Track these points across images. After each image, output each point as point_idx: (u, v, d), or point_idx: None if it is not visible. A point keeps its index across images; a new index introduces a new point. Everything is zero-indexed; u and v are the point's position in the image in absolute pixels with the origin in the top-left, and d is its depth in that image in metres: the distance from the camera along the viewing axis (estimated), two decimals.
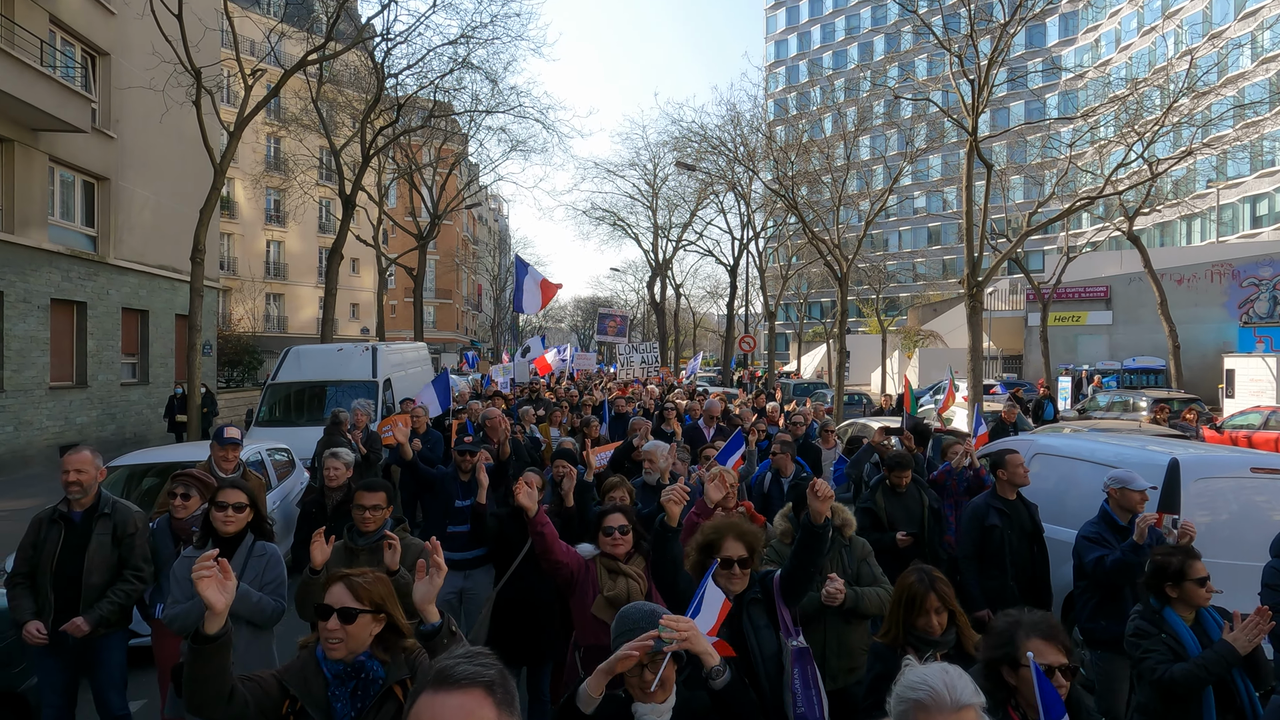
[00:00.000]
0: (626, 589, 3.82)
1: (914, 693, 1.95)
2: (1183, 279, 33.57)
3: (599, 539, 3.99)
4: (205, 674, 2.35)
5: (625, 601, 3.72)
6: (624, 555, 3.96)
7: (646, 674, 2.38)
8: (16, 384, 15.96)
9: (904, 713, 1.96)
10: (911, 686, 1.97)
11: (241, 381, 31.66)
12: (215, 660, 2.35)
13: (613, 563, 3.92)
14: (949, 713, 1.90)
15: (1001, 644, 2.66)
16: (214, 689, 2.37)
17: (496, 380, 18.69)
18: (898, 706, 1.98)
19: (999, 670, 2.65)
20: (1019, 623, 2.68)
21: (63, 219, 17.84)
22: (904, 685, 2.00)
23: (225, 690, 2.38)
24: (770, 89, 72.35)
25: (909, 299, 59.72)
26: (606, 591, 3.83)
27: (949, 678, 1.95)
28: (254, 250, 42.80)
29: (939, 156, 46.36)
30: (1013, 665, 2.60)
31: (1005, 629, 2.70)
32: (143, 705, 5.47)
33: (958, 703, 1.90)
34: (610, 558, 3.93)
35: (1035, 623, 2.67)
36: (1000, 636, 2.69)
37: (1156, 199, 24.52)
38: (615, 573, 3.90)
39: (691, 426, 9.67)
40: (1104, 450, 6.79)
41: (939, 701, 1.90)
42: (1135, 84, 22.47)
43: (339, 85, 26.44)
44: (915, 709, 1.93)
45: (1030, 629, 2.64)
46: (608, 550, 3.95)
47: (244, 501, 4.04)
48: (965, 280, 16.24)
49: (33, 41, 15.64)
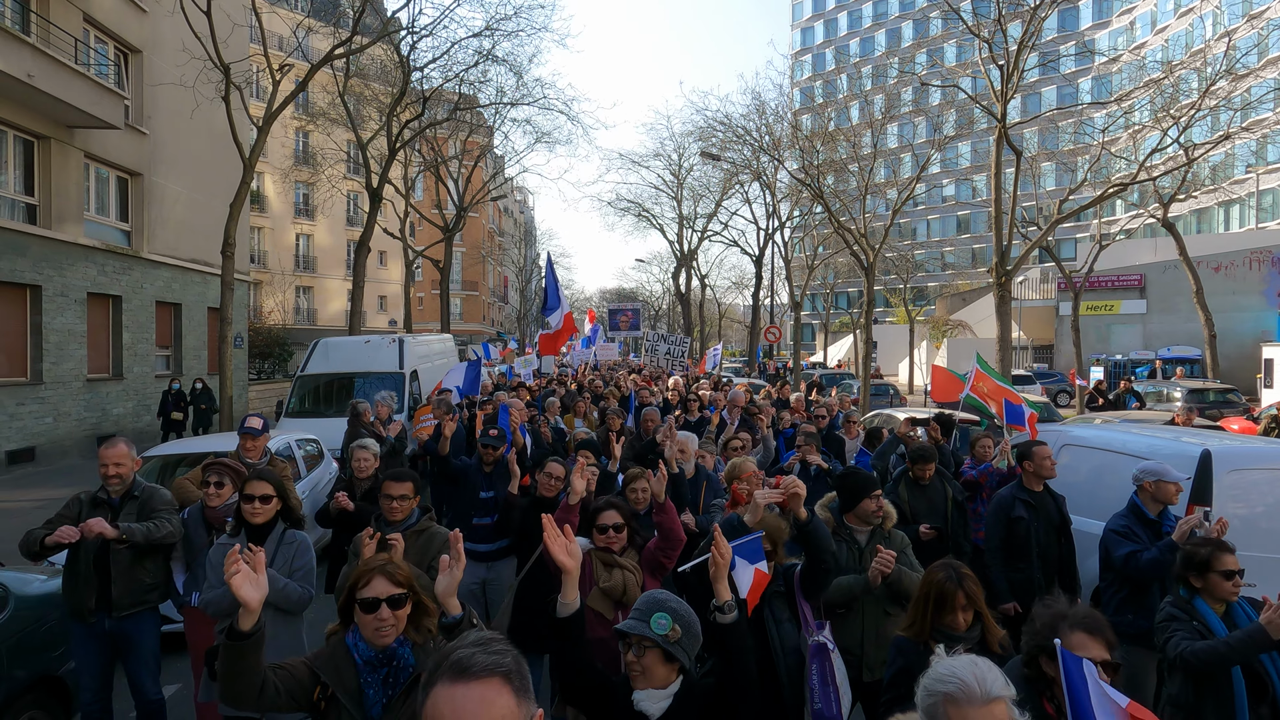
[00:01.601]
0: (622, 580, 3.88)
1: (943, 685, 1.93)
2: (1220, 266, 32.85)
3: (593, 535, 4.02)
4: (239, 669, 2.41)
5: (621, 593, 3.80)
6: (619, 549, 3.99)
7: (630, 655, 2.46)
8: (55, 376, 16.34)
9: (933, 705, 1.94)
10: (941, 679, 1.95)
11: (272, 373, 32.16)
12: (249, 656, 2.41)
13: (608, 555, 3.96)
14: (979, 705, 1.87)
15: (1044, 635, 2.64)
16: (247, 682, 2.43)
17: (520, 372, 18.80)
18: (926, 699, 1.96)
19: (1039, 660, 2.64)
20: (1063, 615, 2.66)
21: (98, 214, 18.19)
22: (933, 678, 1.97)
23: (258, 683, 2.44)
24: (796, 77, 71.67)
25: (937, 288, 59.03)
26: (602, 583, 3.89)
27: (979, 670, 1.93)
28: (283, 244, 43.35)
29: (968, 144, 45.54)
30: (1052, 656, 2.58)
31: (1049, 620, 2.68)
32: (177, 690, 5.60)
33: (988, 695, 1.88)
34: (606, 550, 3.97)
35: (1080, 616, 2.66)
36: (1044, 627, 2.67)
37: (1193, 185, 23.97)
38: (611, 565, 3.95)
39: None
40: (1135, 441, 6.68)
41: (969, 694, 1.88)
42: (1171, 67, 21.95)
43: (365, 79, 26.64)
44: (945, 702, 1.91)
45: (1074, 622, 2.63)
46: (602, 546, 3.98)
47: (270, 493, 4.12)
48: (994, 269, 16.03)
49: (67, 40, 15.92)
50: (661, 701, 2.51)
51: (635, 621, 2.54)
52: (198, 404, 17.80)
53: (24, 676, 4.46)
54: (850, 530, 4.30)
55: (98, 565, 4.45)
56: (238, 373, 20.38)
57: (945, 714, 1.91)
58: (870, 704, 4.00)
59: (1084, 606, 2.74)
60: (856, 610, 4.12)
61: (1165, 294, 35.32)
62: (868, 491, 4.27)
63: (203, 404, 17.75)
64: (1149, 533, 4.72)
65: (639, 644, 2.52)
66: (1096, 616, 2.69)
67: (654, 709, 2.51)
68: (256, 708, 2.47)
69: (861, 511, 4.26)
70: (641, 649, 2.51)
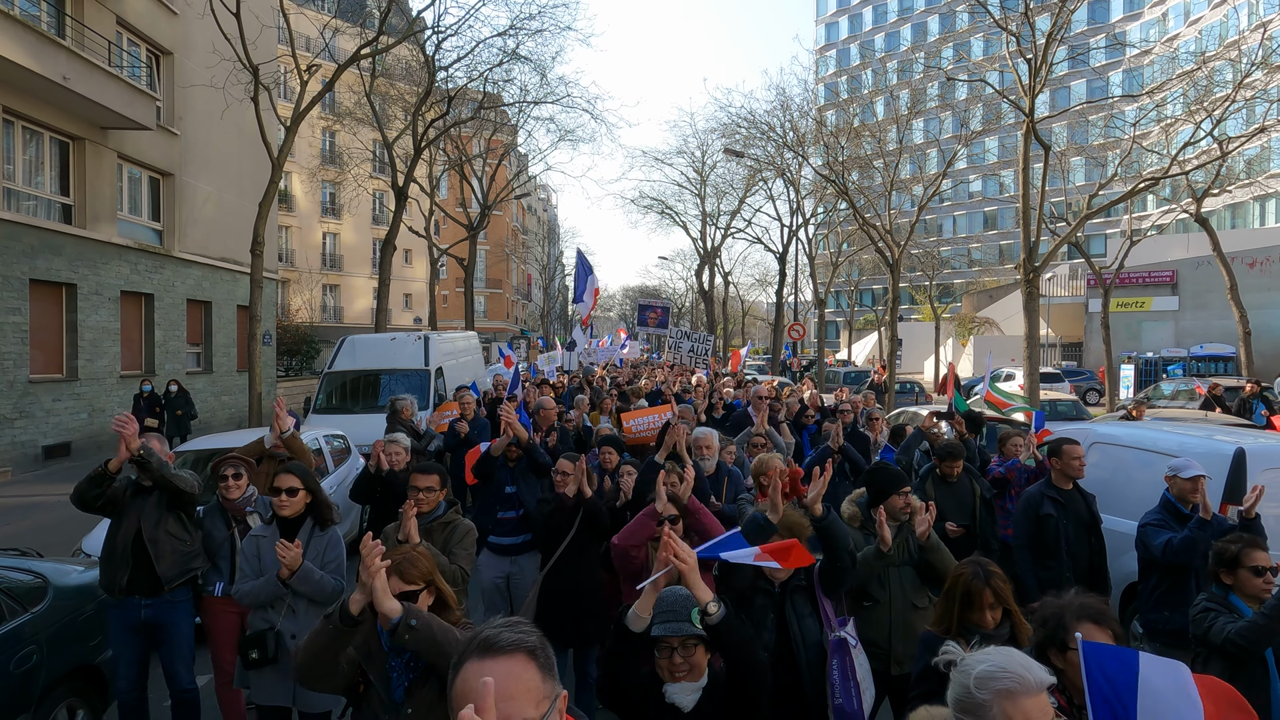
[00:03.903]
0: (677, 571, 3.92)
1: (998, 683, 1.88)
2: (1255, 262, 32.19)
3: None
4: (332, 651, 2.53)
5: (678, 582, 3.83)
6: None
7: (676, 657, 2.48)
8: (90, 373, 16.67)
9: (984, 704, 1.88)
10: (992, 677, 1.89)
11: (300, 370, 32.59)
12: (348, 639, 2.53)
13: None
14: (1035, 693, 1.86)
15: (1050, 627, 2.63)
16: (330, 666, 2.55)
17: (543, 370, 18.87)
18: (977, 699, 1.90)
19: (1047, 653, 2.63)
20: (1068, 606, 2.65)
21: (130, 214, 18.52)
22: (983, 677, 1.90)
23: (338, 667, 2.57)
24: (821, 73, 71.21)
25: (963, 285, 58.39)
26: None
27: (1024, 660, 1.92)
28: (310, 242, 43.84)
29: (995, 139, 45.06)
30: (1060, 648, 2.57)
31: (1054, 612, 2.67)
32: (208, 681, 5.69)
33: (1041, 682, 1.88)
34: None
35: (1084, 606, 2.63)
36: (1049, 619, 2.66)
37: (1227, 179, 23.46)
38: None
39: (740, 413, 9.63)
40: (1166, 439, 6.58)
41: (1025, 684, 1.86)
42: (1205, 59, 21.53)
43: (391, 79, 26.88)
44: (1001, 698, 1.86)
45: (1079, 612, 2.60)
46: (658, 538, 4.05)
47: (297, 485, 4.19)
48: (1022, 265, 15.83)
49: (101, 43, 16.22)
50: (694, 694, 2.56)
51: (676, 623, 2.57)
52: (173, 408, 16.15)
53: (62, 665, 4.57)
54: (878, 525, 4.29)
55: (135, 547, 4.55)
56: (266, 369, 20.65)
57: (1002, 711, 1.86)
58: (898, 698, 3.98)
59: (1089, 595, 2.71)
60: (884, 603, 4.10)
61: (1198, 290, 34.66)
62: (896, 487, 4.26)
63: (178, 409, 16.07)
64: (1183, 527, 4.67)
65: (683, 643, 2.56)
66: (1101, 606, 2.67)
67: (687, 702, 2.55)
68: (330, 686, 2.60)
69: (889, 507, 4.25)
70: (687, 648, 2.56)
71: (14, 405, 14.83)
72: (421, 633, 2.46)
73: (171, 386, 16.69)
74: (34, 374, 15.37)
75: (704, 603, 2.58)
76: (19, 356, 14.90)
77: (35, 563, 5.21)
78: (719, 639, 2.62)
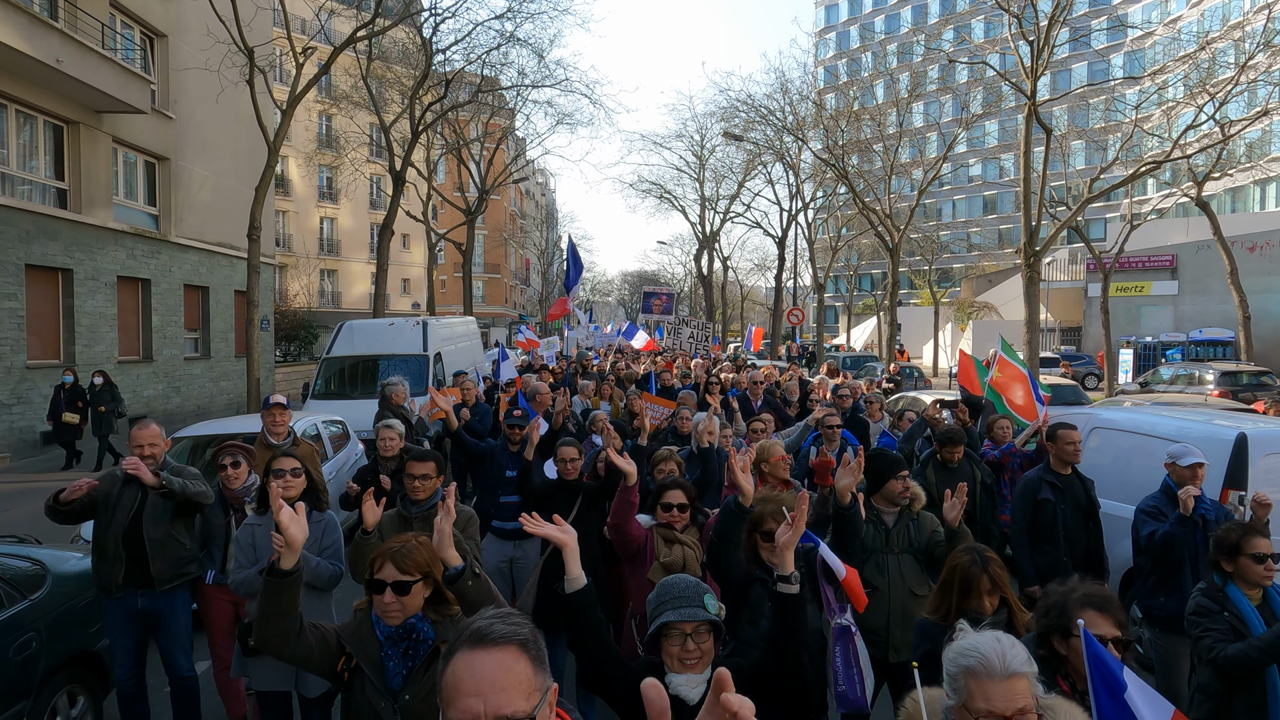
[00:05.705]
0: (682, 556, 3.98)
1: (965, 659, 1.97)
2: (1255, 246, 32.10)
3: (657, 513, 4.14)
4: (278, 609, 2.51)
5: (681, 568, 3.87)
6: (681, 528, 4.12)
7: (689, 643, 2.40)
8: (87, 359, 16.62)
9: (954, 676, 1.98)
10: (963, 653, 1.98)
11: (298, 356, 32.52)
12: (287, 594, 2.51)
13: (669, 532, 4.08)
14: (999, 680, 1.90)
15: (1054, 614, 2.64)
16: (285, 625, 2.52)
17: (542, 355, 18.84)
18: (949, 670, 2.01)
19: (1051, 640, 2.65)
20: (1072, 593, 2.66)
21: (126, 198, 18.41)
22: (956, 651, 2.01)
23: (295, 627, 2.54)
24: (820, 55, 70.71)
25: (963, 270, 58.32)
26: (663, 558, 3.99)
27: (1001, 645, 1.95)
28: (308, 227, 43.66)
29: (995, 122, 44.85)
30: (1064, 635, 2.58)
31: (1058, 599, 2.67)
32: (206, 668, 5.70)
33: (1008, 670, 1.90)
34: (668, 528, 4.09)
35: (1088, 594, 2.64)
36: (1053, 607, 2.67)
37: (1228, 163, 23.36)
38: (671, 541, 4.06)
39: (740, 396, 9.63)
40: (1166, 424, 6.56)
41: (990, 669, 1.91)
42: (1207, 41, 21.37)
43: (388, 62, 26.66)
44: (966, 675, 1.95)
45: (1083, 600, 2.61)
46: (664, 523, 4.10)
47: (299, 467, 4.20)
48: (1022, 250, 15.78)
49: (94, 25, 16.05)
50: (700, 686, 2.37)
51: (689, 610, 2.40)
52: (97, 403, 14.27)
53: (62, 652, 4.56)
54: (878, 512, 4.29)
55: (126, 542, 4.53)
56: (264, 355, 20.60)
57: (967, 688, 1.95)
58: (896, 685, 4.00)
59: (1093, 583, 2.71)
60: (883, 591, 4.11)
61: (1198, 275, 34.60)
62: (894, 472, 4.25)
63: (101, 404, 14.18)
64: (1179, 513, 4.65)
65: (696, 630, 2.40)
66: (1105, 594, 2.67)
67: (693, 694, 2.36)
68: (290, 653, 2.56)
69: (888, 492, 4.25)
70: (700, 635, 2.41)
71: (11, 391, 14.80)
72: (483, 584, 2.70)
73: (96, 379, 14.56)
74: (31, 360, 15.33)
75: (788, 571, 2.58)
76: (16, 342, 14.86)
77: (34, 549, 5.21)
78: (786, 612, 2.56)
